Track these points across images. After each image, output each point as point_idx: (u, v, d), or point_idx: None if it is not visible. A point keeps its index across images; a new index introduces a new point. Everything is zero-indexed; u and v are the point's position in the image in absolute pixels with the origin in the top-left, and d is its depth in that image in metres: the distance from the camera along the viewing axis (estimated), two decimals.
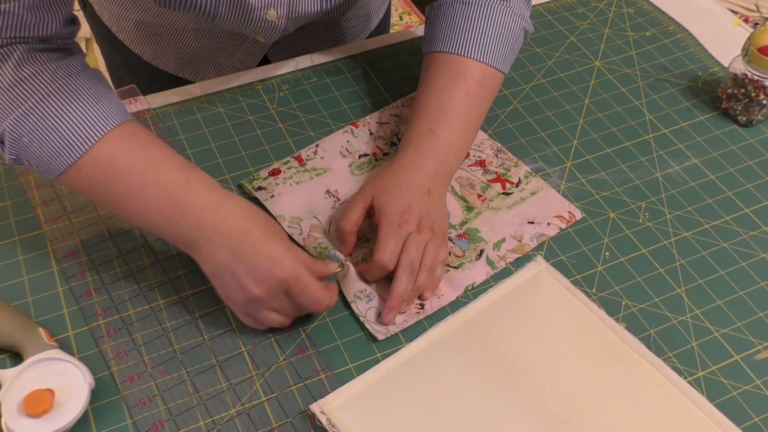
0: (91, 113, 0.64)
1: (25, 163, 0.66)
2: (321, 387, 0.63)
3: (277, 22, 0.78)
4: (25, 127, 0.63)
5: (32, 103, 0.63)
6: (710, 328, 0.68)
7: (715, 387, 0.64)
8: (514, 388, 0.63)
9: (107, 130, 0.64)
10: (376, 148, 0.82)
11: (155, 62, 0.96)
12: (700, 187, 0.80)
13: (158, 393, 0.62)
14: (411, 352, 0.65)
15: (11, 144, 0.64)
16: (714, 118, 0.87)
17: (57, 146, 0.63)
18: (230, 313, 0.67)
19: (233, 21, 0.76)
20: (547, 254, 0.73)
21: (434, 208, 0.70)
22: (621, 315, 0.69)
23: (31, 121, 0.63)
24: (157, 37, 0.93)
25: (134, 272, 0.70)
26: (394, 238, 0.67)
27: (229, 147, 0.82)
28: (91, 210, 0.75)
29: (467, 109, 0.75)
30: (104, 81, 0.69)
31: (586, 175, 0.80)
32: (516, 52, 0.80)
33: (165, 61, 0.96)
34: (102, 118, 0.64)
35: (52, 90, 0.64)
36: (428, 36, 0.80)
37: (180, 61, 0.95)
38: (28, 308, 0.67)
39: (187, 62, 0.95)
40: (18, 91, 0.64)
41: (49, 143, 0.63)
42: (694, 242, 0.75)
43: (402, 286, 0.66)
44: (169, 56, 0.95)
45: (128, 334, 0.66)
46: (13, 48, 0.64)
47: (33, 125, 0.63)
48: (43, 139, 0.63)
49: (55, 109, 0.64)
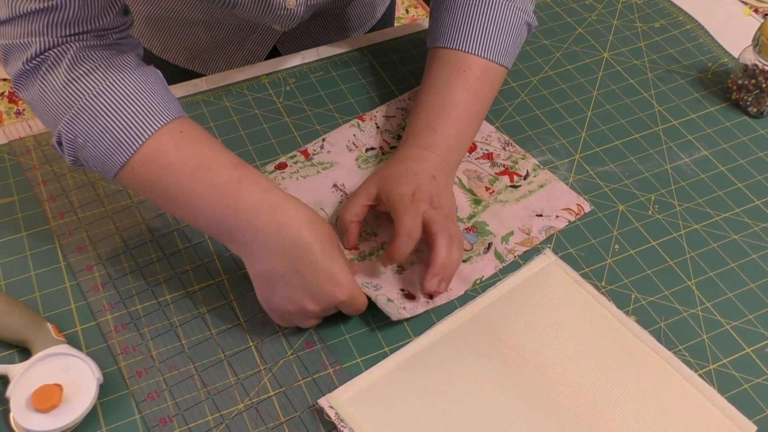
0: (141, 111, 0.62)
1: (84, 163, 0.65)
2: (329, 381, 0.63)
3: (296, 9, 0.78)
4: (78, 128, 0.63)
5: (83, 103, 0.62)
6: (721, 321, 0.67)
7: (726, 380, 0.63)
8: (523, 382, 0.62)
9: (156, 128, 0.62)
10: (383, 141, 0.82)
11: (164, 56, 0.96)
12: (710, 179, 0.79)
13: (166, 388, 0.62)
14: (419, 346, 0.65)
15: (68, 145, 0.64)
16: (724, 109, 0.86)
17: (109, 146, 0.62)
18: (237, 308, 0.67)
19: (253, 10, 0.76)
20: (556, 247, 0.73)
21: (442, 191, 0.70)
22: (631, 308, 0.68)
23: (83, 121, 0.62)
24: (166, 31, 0.92)
25: (141, 267, 0.70)
26: (412, 213, 0.66)
27: (235, 141, 0.81)
28: (99, 205, 0.75)
29: (467, 105, 0.75)
30: (159, 77, 0.67)
31: (594, 168, 0.80)
32: (519, 46, 0.79)
33: (174, 55, 0.96)
34: (152, 116, 0.62)
35: (103, 88, 0.63)
36: (431, 31, 0.80)
37: (189, 54, 0.95)
38: (36, 303, 0.67)
39: (197, 55, 0.95)
40: (70, 90, 0.63)
41: (102, 143, 0.62)
42: (705, 234, 0.74)
43: (444, 252, 0.65)
44: (178, 49, 0.95)
45: (136, 329, 0.66)
46: (68, 47, 0.63)
47: (85, 125, 0.62)
48: (97, 139, 0.62)
49: (106, 107, 0.62)
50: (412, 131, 0.75)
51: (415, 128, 0.75)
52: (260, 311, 0.66)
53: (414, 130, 0.75)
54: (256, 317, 0.67)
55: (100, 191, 0.76)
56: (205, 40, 0.92)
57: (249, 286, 0.69)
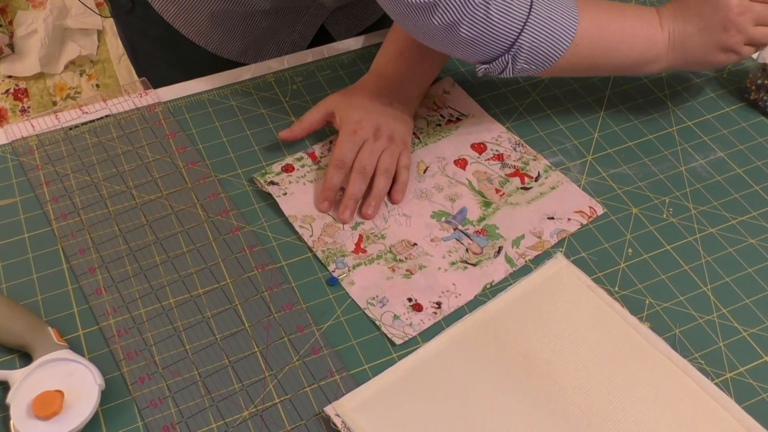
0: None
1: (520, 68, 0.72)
2: (336, 388, 0.61)
3: None
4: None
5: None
6: (738, 328, 0.66)
7: (743, 389, 0.62)
8: (534, 390, 0.61)
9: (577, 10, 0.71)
10: None
11: (219, 51, 0.96)
12: (726, 181, 0.77)
13: (170, 394, 0.61)
14: (428, 353, 0.63)
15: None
16: (740, 109, 0.84)
17: (552, 36, 0.70)
18: (242, 313, 0.66)
19: None
20: (568, 251, 0.71)
21: (395, 118, 0.76)
22: (645, 314, 0.66)
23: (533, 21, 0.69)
24: (226, 26, 0.92)
25: (145, 270, 0.69)
26: (349, 144, 0.74)
27: (241, 141, 0.80)
28: (101, 206, 0.73)
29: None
30: None
31: (607, 169, 0.78)
32: None
33: (229, 49, 0.95)
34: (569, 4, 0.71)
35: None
36: None
37: (244, 45, 0.95)
38: (38, 307, 0.66)
39: (251, 45, 0.95)
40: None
41: (545, 35, 0.70)
42: (720, 238, 0.72)
43: (355, 187, 0.73)
44: (236, 42, 0.94)
45: (139, 334, 0.65)
46: None
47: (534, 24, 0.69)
48: (540, 34, 0.69)
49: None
50: (375, 63, 0.81)
51: (378, 60, 0.81)
52: (265, 316, 0.65)
53: (377, 61, 0.80)
54: (261, 322, 0.65)
55: (103, 192, 0.75)
56: (264, 27, 0.92)
57: (254, 291, 0.67)
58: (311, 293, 0.68)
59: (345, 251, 0.70)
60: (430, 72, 0.82)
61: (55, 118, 0.81)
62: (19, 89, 1.97)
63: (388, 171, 0.74)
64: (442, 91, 0.85)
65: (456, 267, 0.69)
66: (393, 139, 0.75)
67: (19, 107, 2.12)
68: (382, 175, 0.74)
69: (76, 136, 0.80)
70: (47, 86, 1.97)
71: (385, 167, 0.74)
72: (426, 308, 0.66)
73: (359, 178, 0.73)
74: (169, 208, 0.74)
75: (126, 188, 0.75)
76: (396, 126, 0.76)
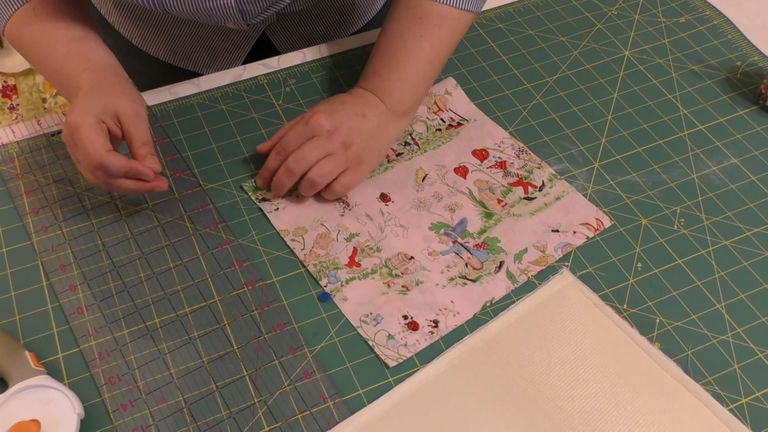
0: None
1: None
2: (329, 415, 0.58)
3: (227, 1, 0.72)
4: None
5: None
6: (754, 349, 0.62)
7: (760, 416, 0.58)
8: (539, 417, 0.57)
9: (17, 7, 0.70)
10: None
11: (144, 47, 0.91)
12: (740, 189, 0.73)
13: (153, 422, 0.58)
14: (426, 377, 0.60)
15: None
16: (755, 113, 0.80)
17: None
18: (231, 333, 0.63)
19: (184, 10, 0.71)
20: (574, 266, 0.67)
21: (361, 131, 0.71)
22: (655, 334, 0.63)
23: None
24: (143, 22, 0.87)
25: (129, 287, 0.65)
26: (295, 131, 0.70)
27: (231, 148, 0.76)
28: (84, 219, 0.70)
29: (418, 51, 0.73)
30: None
31: (615, 177, 0.74)
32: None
33: (155, 48, 0.91)
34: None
35: None
36: None
37: (171, 46, 0.90)
38: (16, 328, 0.63)
39: (178, 49, 0.90)
40: None
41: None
42: (735, 252, 0.69)
43: (271, 162, 0.71)
44: (159, 42, 0.89)
45: (122, 357, 0.61)
46: None
47: None
48: None
49: None
50: (361, 78, 0.76)
51: (363, 75, 0.76)
52: (255, 337, 0.62)
53: (362, 77, 0.76)
54: (251, 343, 0.62)
55: (86, 203, 0.71)
56: (187, 31, 0.87)
57: (244, 309, 0.64)
58: (304, 312, 0.64)
59: (338, 264, 0.67)
60: (423, 85, 0.76)
61: (37, 124, 0.78)
62: (7, 86, 1.93)
63: (311, 182, 0.69)
64: (444, 92, 0.82)
65: (455, 283, 0.66)
66: (347, 148, 0.70)
67: (7, 105, 2.08)
68: (308, 181, 0.69)
69: (59, 143, 0.76)
70: (36, 83, 1.92)
71: (319, 174, 0.68)
72: (422, 327, 0.63)
73: (275, 158, 0.71)
74: (155, 219, 0.70)
75: (110, 199, 0.72)
76: (359, 140, 0.70)
